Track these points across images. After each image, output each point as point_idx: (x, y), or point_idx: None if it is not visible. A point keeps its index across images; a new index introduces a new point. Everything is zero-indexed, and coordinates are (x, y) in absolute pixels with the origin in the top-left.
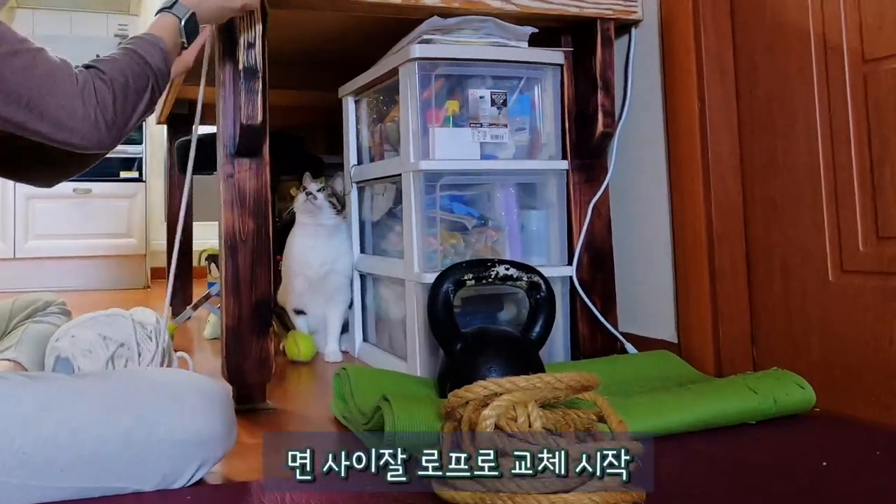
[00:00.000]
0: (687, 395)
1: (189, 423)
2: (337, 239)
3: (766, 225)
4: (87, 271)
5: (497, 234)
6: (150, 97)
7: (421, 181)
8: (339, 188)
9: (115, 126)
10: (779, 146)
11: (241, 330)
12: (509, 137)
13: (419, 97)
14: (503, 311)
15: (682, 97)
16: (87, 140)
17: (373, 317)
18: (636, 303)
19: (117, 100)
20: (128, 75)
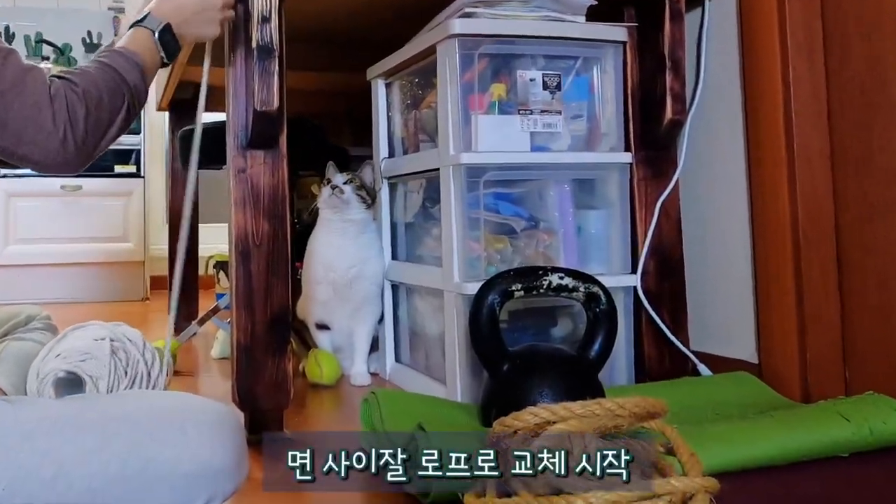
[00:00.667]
0: (769, 423)
1: (194, 454)
2: (366, 238)
3: (860, 227)
4: (75, 280)
5: (550, 237)
6: (126, 117)
7: (462, 177)
8: (367, 179)
9: (84, 147)
10: (875, 138)
11: (254, 348)
12: (564, 126)
13: (460, 80)
14: (557, 326)
15: (763, 80)
16: (51, 159)
17: (406, 333)
18: (710, 317)
19: (90, 116)
20: (102, 91)
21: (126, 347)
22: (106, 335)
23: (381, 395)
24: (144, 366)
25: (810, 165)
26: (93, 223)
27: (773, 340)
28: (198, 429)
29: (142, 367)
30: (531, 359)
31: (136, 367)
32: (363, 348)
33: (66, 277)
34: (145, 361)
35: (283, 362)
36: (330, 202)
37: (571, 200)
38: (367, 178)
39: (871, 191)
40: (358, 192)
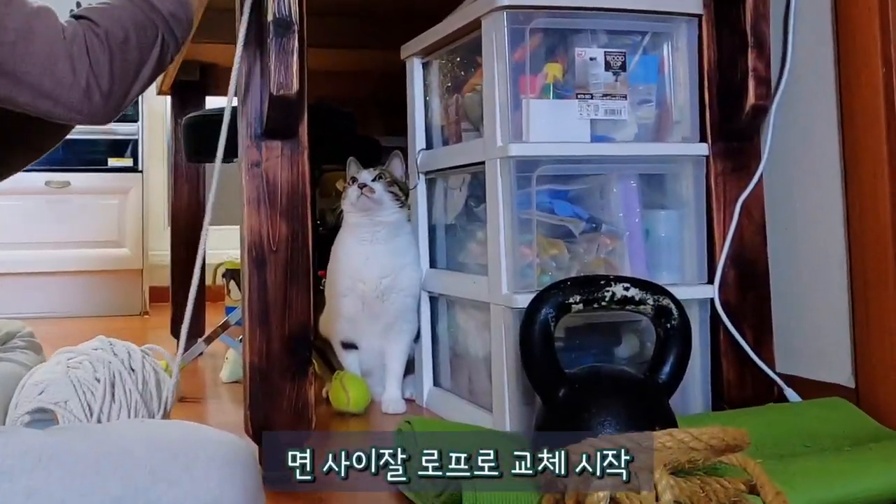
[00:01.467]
0: (868, 457)
1: (200, 493)
2: (400, 242)
3: None
4: (62, 292)
5: (613, 241)
6: (160, 55)
7: (511, 171)
8: (398, 173)
9: (112, 95)
10: None
11: (270, 371)
12: (630, 113)
13: (508, 59)
14: (621, 345)
15: (860, 61)
16: (77, 111)
17: (446, 353)
18: (799, 335)
19: (115, 60)
20: (128, 28)
21: (119, 367)
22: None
23: (417, 425)
24: (148, 388)
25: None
26: (82, 225)
27: (872, 362)
28: (206, 466)
29: (148, 389)
30: (591, 382)
31: (136, 391)
32: (396, 371)
33: (52, 289)
34: (145, 382)
35: (303, 387)
36: (359, 204)
37: (638, 199)
38: (397, 171)
39: None
40: (390, 189)
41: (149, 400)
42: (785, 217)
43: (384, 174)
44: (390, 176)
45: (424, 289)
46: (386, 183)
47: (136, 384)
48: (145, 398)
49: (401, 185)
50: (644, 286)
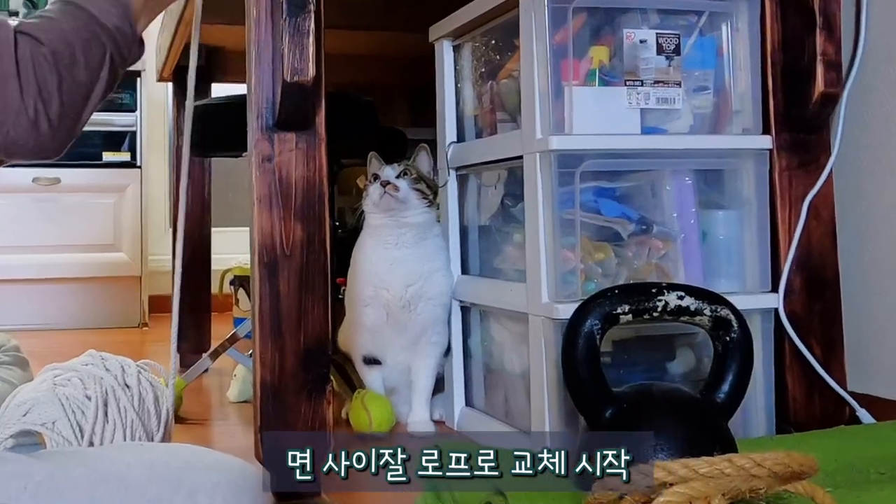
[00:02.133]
0: None
1: None
2: (429, 245)
3: None
4: (52, 301)
5: (666, 245)
6: (109, 75)
7: (552, 167)
8: (425, 168)
9: (61, 125)
10: None
11: (283, 389)
12: (684, 101)
13: (549, 41)
14: (675, 360)
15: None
16: (21, 145)
17: (480, 370)
18: (873, 349)
19: (64, 83)
20: (74, 46)
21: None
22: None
23: (447, 449)
24: (145, 405)
25: None
26: (74, 227)
27: None
28: (212, 494)
29: (145, 407)
30: (642, 402)
31: (131, 409)
32: (425, 388)
33: (40, 298)
34: (142, 400)
35: (321, 407)
36: (382, 204)
37: (694, 197)
38: (423, 166)
39: None
40: (416, 186)
41: (146, 419)
42: (857, 217)
43: (409, 170)
44: (416, 172)
45: (455, 297)
46: (412, 180)
47: (131, 401)
48: (142, 417)
49: (428, 182)
50: (700, 295)
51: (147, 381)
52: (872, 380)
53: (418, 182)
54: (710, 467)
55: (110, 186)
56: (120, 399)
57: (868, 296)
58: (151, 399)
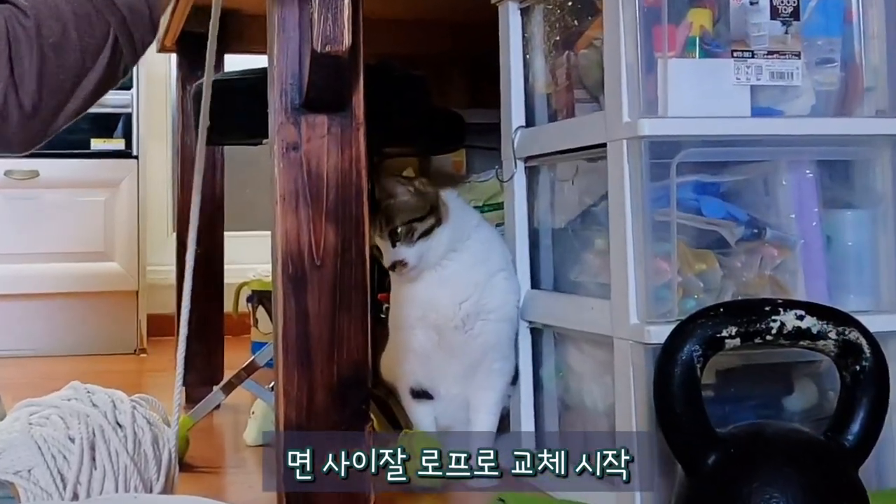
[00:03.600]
0: None
1: None
2: (476, 251)
3: None
4: (31, 322)
5: (782, 252)
6: (109, 63)
7: (642, 156)
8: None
9: (36, 115)
10: None
11: (312, 428)
12: (805, 76)
13: (640, 2)
14: (793, 394)
15: None
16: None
17: (553, 404)
18: None
19: (46, 65)
20: (67, 20)
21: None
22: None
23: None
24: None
25: None
26: (56, 231)
27: None
28: None
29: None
30: (753, 445)
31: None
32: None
33: (15, 317)
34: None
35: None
36: (403, 279)
37: (817, 195)
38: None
39: None
40: (412, 231)
41: (142, 465)
42: None
43: (399, 227)
44: (405, 214)
45: (524, 317)
46: (405, 234)
47: (124, 444)
48: (137, 462)
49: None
50: (824, 314)
51: (143, 420)
52: None
53: (413, 225)
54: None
55: (100, 181)
56: (110, 441)
57: None
58: (149, 441)
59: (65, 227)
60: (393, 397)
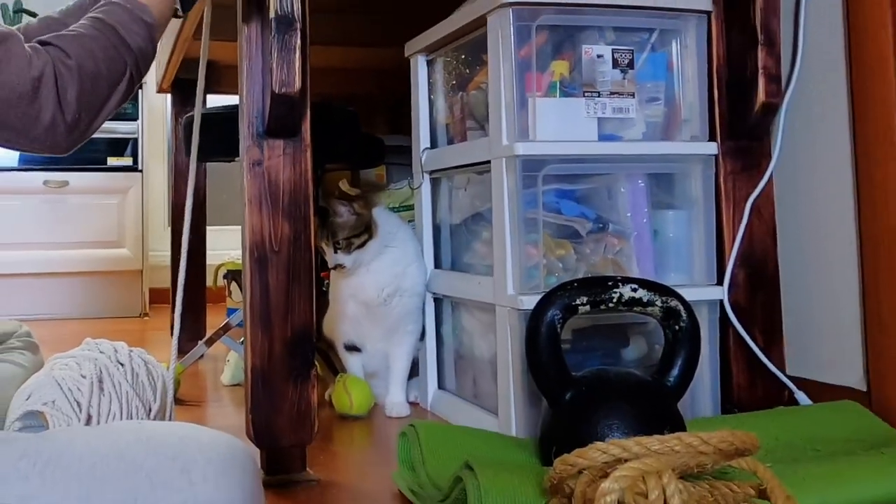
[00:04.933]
0: (879, 462)
1: (199, 498)
2: (394, 252)
3: None
4: (61, 293)
5: (620, 242)
6: (127, 88)
7: (517, 171)
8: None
9: (76, 128)
10: None
11: (272, 373)
12: (638, 111)
13: (514, 56)
14: (629, 347)
15: (872, 57)
16: (39, 142)
17: (451, 355)
18: (810, 337)
19: (83, 94)
20: (99, 60)
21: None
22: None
23: (421, 429)
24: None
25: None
26: (81, 226)
27: (885, 364)
28: (204, 470)
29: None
30: (599, 385)
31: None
32: (400, 373)
33: (49, 289)
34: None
35: (306, 390)
36: (341, 275)
37: (646, 198)
38: (344, 217)
39: None
40: (350, 244)
41: (141, 391)
42: (796, 217)
43: (339, 240)
44: (344, 231)
45: (429, 290)
46: (345, 246)
47: (125, 376)
48: (137, 389)
49: (356, 228)
50: (652, 287)
51: (139, 358)
52: (809, 365)
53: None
54: (662, 445)
55: (114, 188)
56: (114, 375)
57: (805, 288)
58: (145, 373)
59: (87, 222)
60: (332, 350)
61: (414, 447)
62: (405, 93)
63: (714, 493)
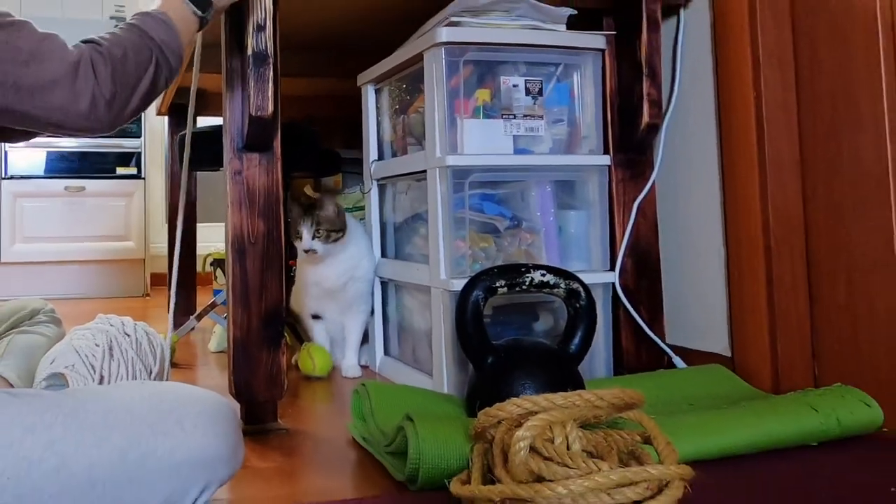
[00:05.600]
0: (741, 413)
1: (191, 443)
2: (351, 249)
3: (829, 229)
4: (79, 277)
5: (532, 236)
6: (154, 73)
7: (448, 178)
8: (330, 212)
9: (114, 102)
10: (844, 142)
11: (249, 342)
12: (545, 130)
13: (446, 85)
14: (538, 321)
15: (735, 87)
16: (83, 120)
17: (395, 328)
18: (685, 313)
19: (116, 73)
20: (126, 47)
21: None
22: (104, 329)
23: (370, 387)
24: (142, 347)
25: (781, 170)
26: (95, 223)
27: (745, 335)
28: (195, 420)
29: (143, 348)
30: (514, 352)
31: (131, 349)
32: (354, 342)
33: (70, 274)
34: (139, 343)
35: (277, 356)
36: (309, 260)
37: (553, 201)
38: (330, 210)
39: (839, 193)
40: (329, 240)
41: (143, 356)
42: (674, 216)
43: (320, 230)
44: (327, 224)
45: (377, 275)
46: (325, 234)
47: (131, 344)
48: (140, 355)
49: (337, 225)
50: (557, 273)
51: (142, 330)
52: (684, 335)
53: (330, 233)
54: (565, 400)
55: (122, 193)
56: (121, 343)
57: (681, 274)
58: (146, 342)
59: (100, 220)
60: (299, 323)
61: (364, 402)
62: (357, 115)
63: (608, 440)
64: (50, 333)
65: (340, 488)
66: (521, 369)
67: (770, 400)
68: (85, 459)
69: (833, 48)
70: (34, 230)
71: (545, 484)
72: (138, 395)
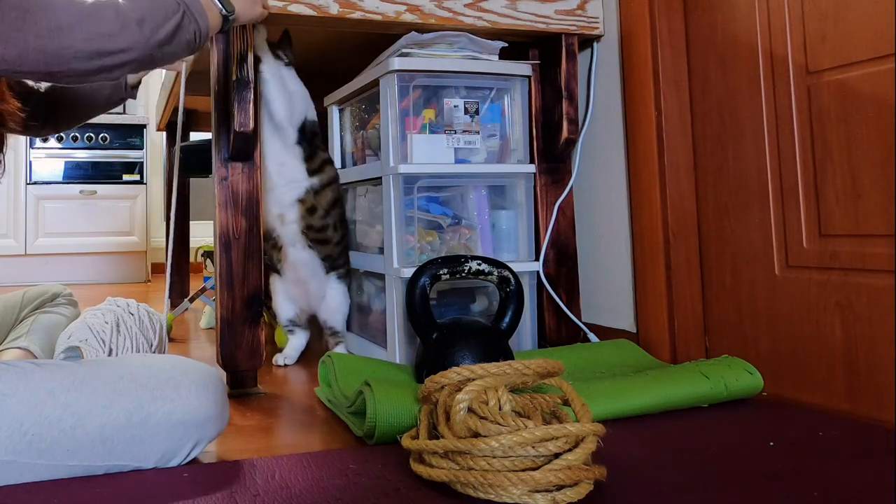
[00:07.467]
0: (644, 380)
1: (185, 406)
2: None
3: (717, 224)
4: (92, 266)
5: (470, 232)
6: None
7: (400, 183)
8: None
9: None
10: (729, 152)
11: (234, 321)
12: (481, 143)
13: (398, 106)
14: (475, 303)
15: (640, 107)
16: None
17: (356, 309)
18: (598, 296)
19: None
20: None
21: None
22: (112, 309)
23: (335, 357)
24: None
25: (677, 175)
26: (105, 220)
27: (647, 313)
28: (189, 387)
29: (144, 325)
30: (455, 329)
31: (135, 326)
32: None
33: (84, 264)
34: (141, 321)
35: (257, 332)
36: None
37: (487, 202)
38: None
39: (726, 194)
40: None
41: (145, 332)
42: (589, 215)
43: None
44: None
45: None
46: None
47: (135, 322)
48: (143, 331)
49: None
50: (491, 262)
51: (144, 310)
52: (597, 314)
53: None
54: (498, 369)
55: (127, 196)
56: (127, 321)
57: (594, 262)
58: (147, 320)
59: (109, 219)
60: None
61: (330, 370)
62: (324, 131)
63: (533, 402)
64: (68, 313)
65: (310, 442)
66: (460, 343)
67: (668, 369)
68: (97, 420)
69: (721, 73)
70: (54, 227)
71: (481, 439)
72: (141, 366)
